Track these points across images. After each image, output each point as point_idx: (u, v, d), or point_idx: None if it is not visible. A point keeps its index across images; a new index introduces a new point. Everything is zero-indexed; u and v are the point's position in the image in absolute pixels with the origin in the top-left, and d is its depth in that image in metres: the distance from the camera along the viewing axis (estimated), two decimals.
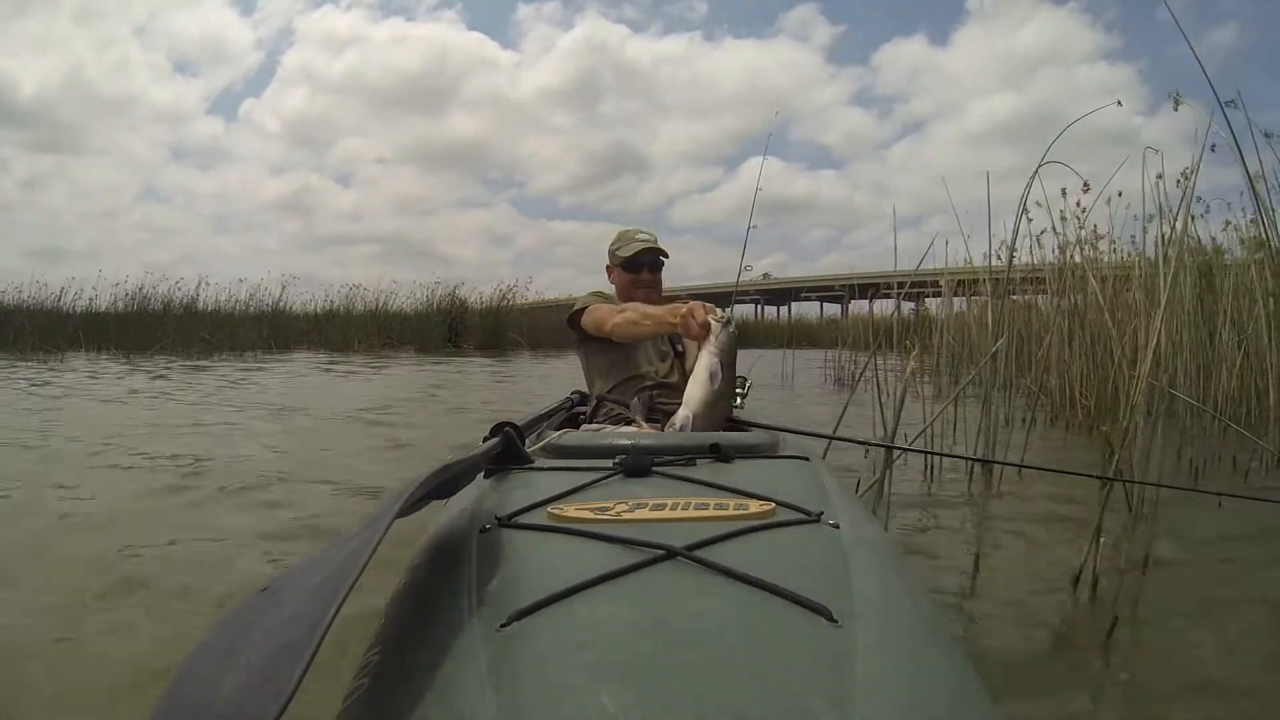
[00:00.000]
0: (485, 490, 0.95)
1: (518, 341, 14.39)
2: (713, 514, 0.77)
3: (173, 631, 1.46)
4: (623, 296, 2.00)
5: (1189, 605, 1.69)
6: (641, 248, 1.96)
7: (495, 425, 1.11)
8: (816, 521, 0.79)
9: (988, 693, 0.54)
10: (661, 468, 0.98)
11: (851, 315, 12.22)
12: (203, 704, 0.44)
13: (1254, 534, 2.12)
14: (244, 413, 4.91)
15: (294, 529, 2.20)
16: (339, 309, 14.94)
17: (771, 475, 1.03)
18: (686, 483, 0.92)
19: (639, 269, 1.97)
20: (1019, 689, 1.31)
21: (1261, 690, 1.34)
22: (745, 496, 0.84)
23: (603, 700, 0.45)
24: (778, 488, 0.89)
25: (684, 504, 0.80)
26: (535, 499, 0.84)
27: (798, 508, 0.81)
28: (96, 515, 2.33)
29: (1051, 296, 4.51)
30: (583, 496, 0.86)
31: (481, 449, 1.01)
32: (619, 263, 2.00)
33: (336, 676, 0.63)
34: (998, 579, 1.84)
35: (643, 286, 1.97)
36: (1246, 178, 3.15)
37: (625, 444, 1.09)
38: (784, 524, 0.77)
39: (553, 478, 0.96)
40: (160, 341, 11.88)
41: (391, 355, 12.29)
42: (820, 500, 0.88)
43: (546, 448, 1.15)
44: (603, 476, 0.94)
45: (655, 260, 2.00)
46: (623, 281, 2.01)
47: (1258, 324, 3.36)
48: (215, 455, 3.27)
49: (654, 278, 2.00)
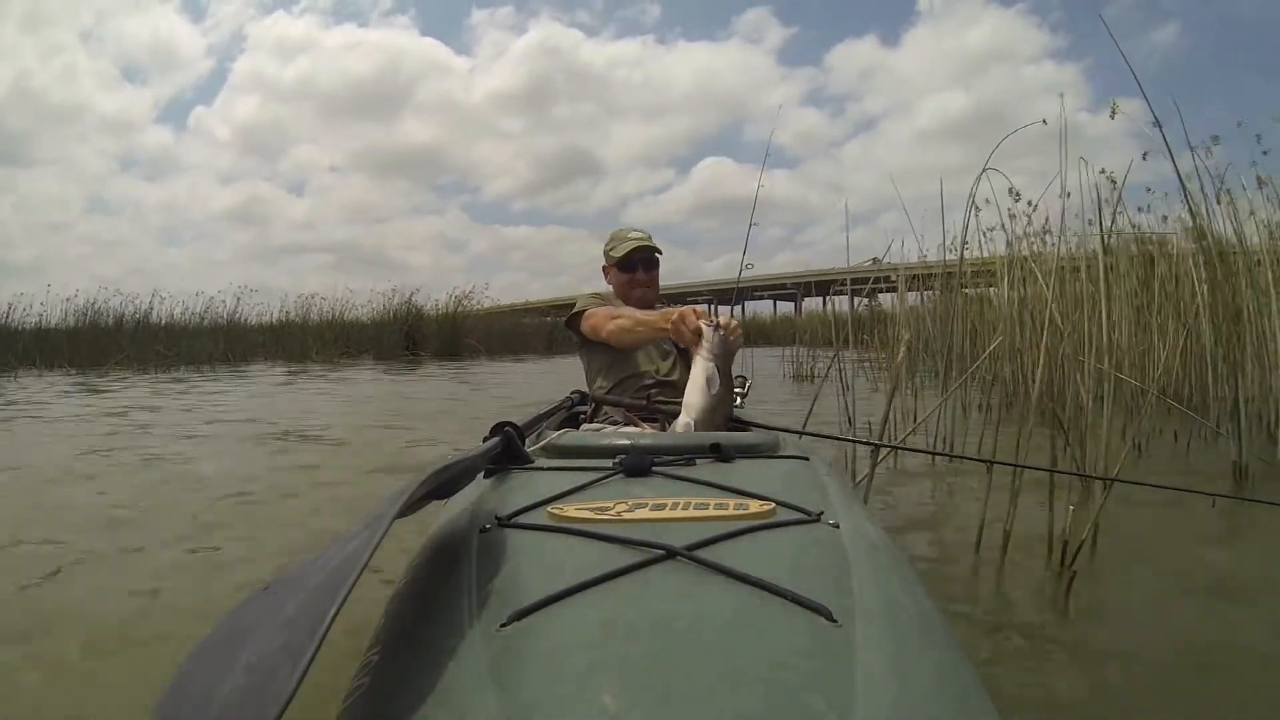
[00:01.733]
0: (485, 490, 0.95)
1: (475, 348, 14.33)
2: (713, 514, 0.78)
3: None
4: (620, 296, 2.02)
5: (1136, 562, 1.97)
6: (634, 246, 1.98)
7: (495, 425, 1.11)
8: (816, 521, 0.79)
9: (988, 693, 0.54)
10: (661, 467, 0.98)
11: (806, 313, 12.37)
12: (203, 704, 0.44)
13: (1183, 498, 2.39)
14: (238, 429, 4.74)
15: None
16: (295, 319, 14.78)
17: (772, 475, 1.03)
18: (686, 482, 0.92)
19: (634, 268, 1.99)
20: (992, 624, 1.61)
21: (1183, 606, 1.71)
22: (745, 496, 0.84)
23: (603, 700, 0.46)
24: (778, 488, 0.89)
25: (684, 504, 0.80)
26: (535, 499, 0.84)
27: (798, 508, 0.81)
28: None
29: (1002, 289, 4.66)
30: (583, 496, 0.86)
31: (481, 449, 1.01)
32: (614, 263, 2.01)
33: (336, 676, 0.63)
34: (964, 540, 2.12)
35: (639, 285, 1.99)
36: (1178, 176, 3.34)
37: (625, 444, 1.09)
38: (784, 524, 0.77)
39: (553, 478, 0.96)
40: (115, 357, 11.64)
41: (350, 364, 12.09)
42: (820, 500, 0.88)
43: (546, 447, 1.15)
44: (603, 476, 0.94)
45: (649, 258, 2.01)
46: (619, 281, 2.02)
47: (1198, 310, 3.52)
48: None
49: (649, 275, 2.01)
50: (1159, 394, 3.56)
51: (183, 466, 3.42)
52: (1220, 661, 1.43)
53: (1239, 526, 2.37)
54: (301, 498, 2.79)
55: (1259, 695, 1.31)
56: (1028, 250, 4.67)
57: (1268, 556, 2.05)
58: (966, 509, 2.43)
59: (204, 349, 12.68)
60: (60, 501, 2.76)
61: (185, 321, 13.74)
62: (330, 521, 2.36)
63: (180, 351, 12.38)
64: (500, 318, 16.95)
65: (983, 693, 0.54)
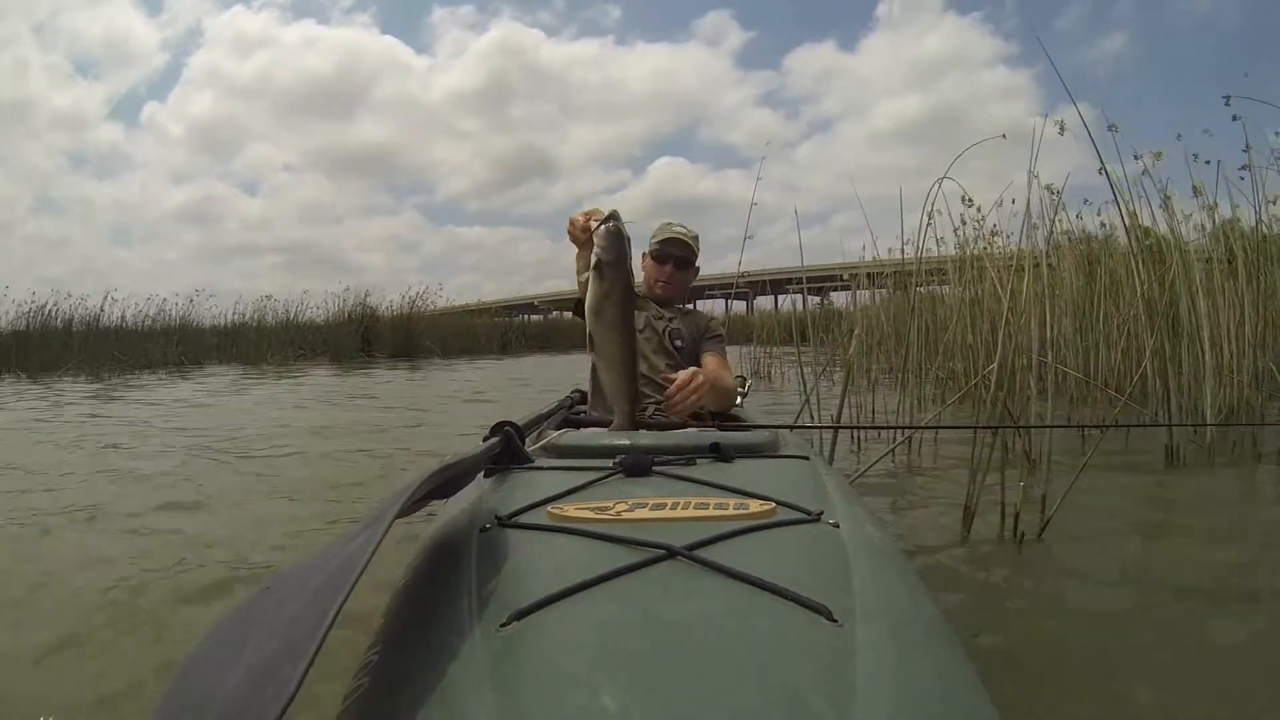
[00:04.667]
0: (485, 490, 0.95)
1: (430, 349, 14.22)
2: (713, 514, 0.78)
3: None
4: (646, 285, 1.98)
5: (1076, 523, 2.20)
6: (667, 236, 1.94)
7: (495, 425, 1.11)
8: (816, 521, 0.79)
9: (988, 693, 0.54)
10: (661, 467, 0.98)
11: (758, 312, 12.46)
12: (204, 704, 0.44)
13: (1119, 465, 3.02)
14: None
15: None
16: (250, 321, 14.44)
17: (772, 475, 1.03)
18: (686, 482, 0.92)
19: (665, 261, 1.94)
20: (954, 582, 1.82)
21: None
22: (745, 496, 0.84)
23: (603, 700, 0.46)
24: (778, 487, 0.89)
25: (684, 504, 0.80)
26: (535, 499, 0.84)
27: (798, 507, 0.81)
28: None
29: (954, 287, 4.82)
30: (583, 496, 0.86)
31: (481, 449, 1.01)
32: (649, 251, 1.97)
33: (337, 676, 0.63)
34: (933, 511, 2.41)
35: (661, 279, 1.95)
36: (1111, 188, 3.59)
37: (625, 444, 1.09)
38: (784, 524, 0.77)
39: (553, 477, 0.96)
40: (67, 362, 11.25)
41: (306, 366, 11.85)
42: (820, 500, 0.88)
43: (546, 447, 1.15)
44: (603, 476, 0.94)
45: (684, 257, 1.95)
46: (649, 269, 1.98)
47: (1136, 305, 3.69)
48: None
49: (674, 273, 1.95)
50: (1101, 386, 3.76)
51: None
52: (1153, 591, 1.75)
53: (1168, 496, 2.74)
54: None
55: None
56: (978, 250, 4.86)
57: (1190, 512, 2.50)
58: (933, 489, 2.76)
59: (158, 352, 12.31)
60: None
61: (136, 325, 13.25)
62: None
63: (135, 356, 12.00)
64: (454, 318, 16.76)
65: (983, 693, 0.54)
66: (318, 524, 2.30)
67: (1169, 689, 1.25)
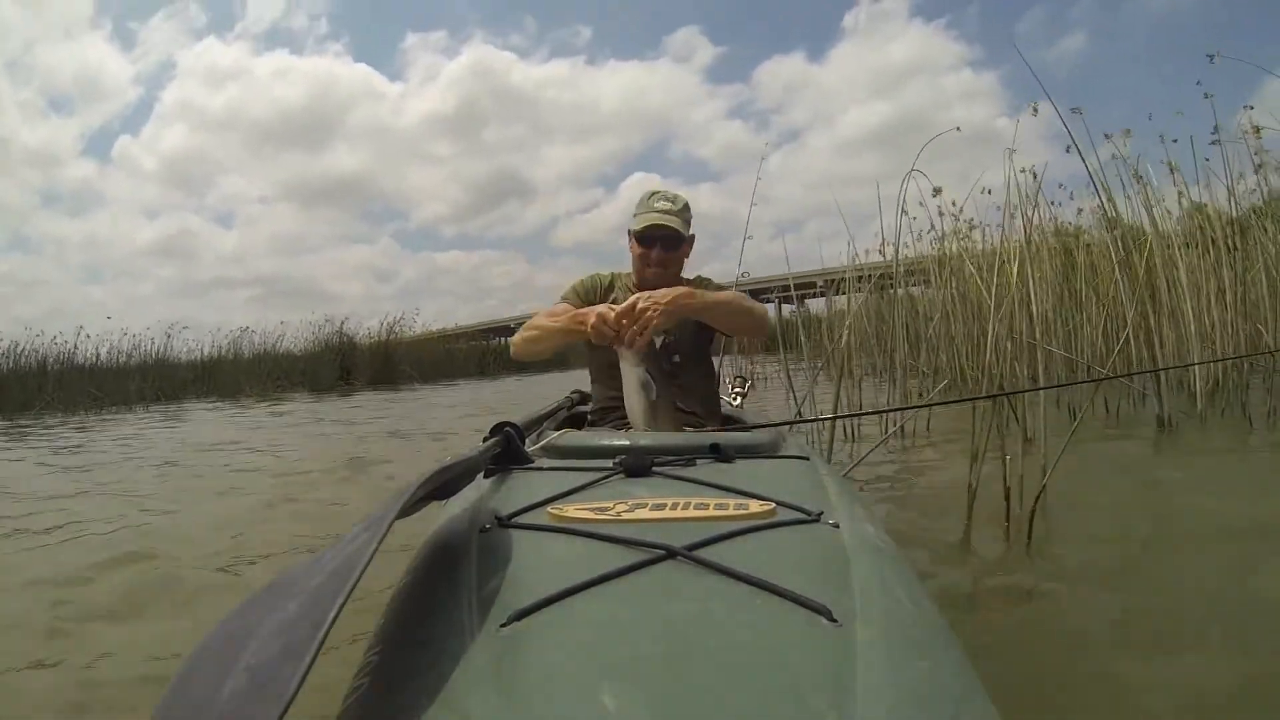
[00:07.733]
0: (485, 490, 0.95)
1: (410, 375, 14.17)
2: (713, 514, 0.77)
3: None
4: (635, 271, 1.75)
5: (1072, 491, 2.33)
6: (645, 224, 1.67)
7: (495, 425, 1.11)
8: (816, 521, 0.79)
9: (988, 693, 0.54)
10: (661, 468, 0.97)
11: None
12: (203, 706, 0.44)
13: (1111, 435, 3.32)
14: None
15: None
16: (227, 354, 14.33)
17: (772, 475, 1.03)
18: (687, 483, 0.92)
19: (650, 244, 1.68)
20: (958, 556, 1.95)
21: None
22: (745, 496, 0.84)
23: (603, 700, 0.45)
24: (778, 487, 0.89)
25: (684, 504, 0.80)
26: (535, 499, 0.84)
27: (798, 508, 0.81)
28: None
29: (934, 283, 4.88)
30: (583, 496, 0.86)
31: (481, 449, 1.00)
32: (633, 230, 1.71)
33: (336, 677, 0.63)
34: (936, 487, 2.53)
35: (652, 265, 1.69)
36: (1087, 172, 3.65)
37: (625, 444, 1.09)
38: (784, 524, 0.77)
39: (553, 478, 0.96)
40: (42, 401, 11.11)
41: (285, 397, 11.72)
42: (820, 500, 0.88)
43: (546, 448, 1.15)
44: (603, 476, 0.94)
45: (671, 237, 1.68)
46: (634, 254, 1.73)
47: (1115, 289, 3.76)
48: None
49: (666, 256, 1.69)
50: (1087, 368, 3.82)
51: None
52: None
53: (1159, 472, 2.87)
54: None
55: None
56: (956, 245, 4.93)
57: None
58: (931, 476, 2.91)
59: (135, 389, 12.13)
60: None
61: (110, 362, 13.01)
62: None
63: (111, 392, 11.84)
64: (431, 344, 16.76)
65: (983, 693, 0.54)
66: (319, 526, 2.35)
67: (1169, 689, 1.23)
